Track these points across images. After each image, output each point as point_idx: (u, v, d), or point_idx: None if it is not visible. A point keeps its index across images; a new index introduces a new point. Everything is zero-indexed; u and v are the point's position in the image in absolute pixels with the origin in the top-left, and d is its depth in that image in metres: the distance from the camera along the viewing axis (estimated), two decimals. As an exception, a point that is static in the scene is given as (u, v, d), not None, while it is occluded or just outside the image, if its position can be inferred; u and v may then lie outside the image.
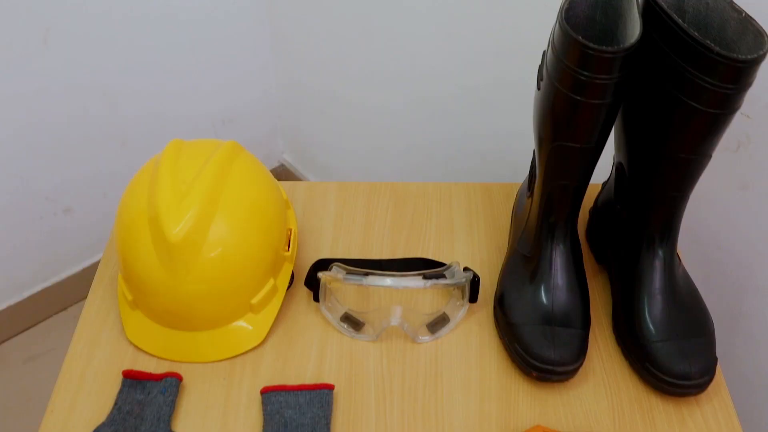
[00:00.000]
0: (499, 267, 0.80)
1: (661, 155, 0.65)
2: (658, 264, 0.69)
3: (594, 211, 0.82)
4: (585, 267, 0.79)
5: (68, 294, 1.53)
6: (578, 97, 0.61)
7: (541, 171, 0.69)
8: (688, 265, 0.87)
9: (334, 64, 1.40)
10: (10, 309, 1.46)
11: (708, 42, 0.57)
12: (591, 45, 0.58)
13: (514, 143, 1.08)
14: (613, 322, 0.74)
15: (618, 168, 0.74)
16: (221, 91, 1.54)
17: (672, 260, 0.69)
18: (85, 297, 0.75)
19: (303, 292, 0.78)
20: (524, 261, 0.73)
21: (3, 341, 1.48)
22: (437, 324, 0.74)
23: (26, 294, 1.47)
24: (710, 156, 0.64)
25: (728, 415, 0.68)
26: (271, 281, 0.73)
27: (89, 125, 1.37)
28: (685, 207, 0.68)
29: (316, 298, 0.75)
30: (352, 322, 0.74)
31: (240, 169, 0.72)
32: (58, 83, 1.28)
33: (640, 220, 0.70)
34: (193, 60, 1.44)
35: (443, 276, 0.72)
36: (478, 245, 0.83)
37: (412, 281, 0.70)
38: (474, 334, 0.74)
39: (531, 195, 0.75)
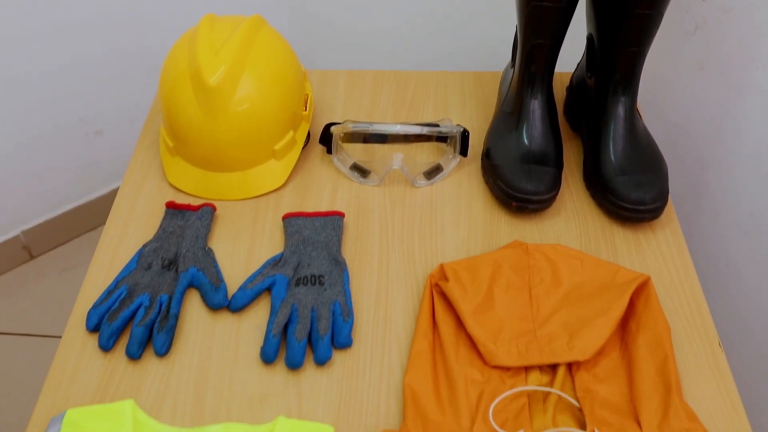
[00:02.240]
0: (488, 134, 0.93)
1: (622, 14, 0.77)
2: (621, 110, 0.81)
3: (570, 88, 0.94)
4: (562, 134, 0.92)
5: (100, 214, 1.66)
6: (549, -42, 0.73)
7: (521, 34, 0.81)
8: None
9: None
10: (47, 223, 1.59)
11: None
12: None
13: (505, 51, 1.19)
14: (583, 167, 0.86)
15: (588, 39, 0.86)
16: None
17: (633, 109, 0.81)
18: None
19: (318, 150, 0.90)
20: (507, 117, 0.85)
21: (41, 254, 1.62)
22: (432, 172, 0.86)
23: (60, 211, 1.61)
24: (662, 14, 0.76)
25: (678, 241, 0.80)
26: (291, 133, 0.85)
27: (119, 55, 1.49)
28: (643, 63, 0.80)
29: (329, 151, 0.87)
30: (360, 170, 0.86)
31: (264, 36, 0.84)
32: (90, 15, 1.41)
33: (606, 77, 0.82)
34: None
35: (437, 126, 0.84)
36: (469, 119, 0.95)
37: (412, 128, 0.83)
38: (464, 182, 0.87)
39: (513, 66, 0.87)
